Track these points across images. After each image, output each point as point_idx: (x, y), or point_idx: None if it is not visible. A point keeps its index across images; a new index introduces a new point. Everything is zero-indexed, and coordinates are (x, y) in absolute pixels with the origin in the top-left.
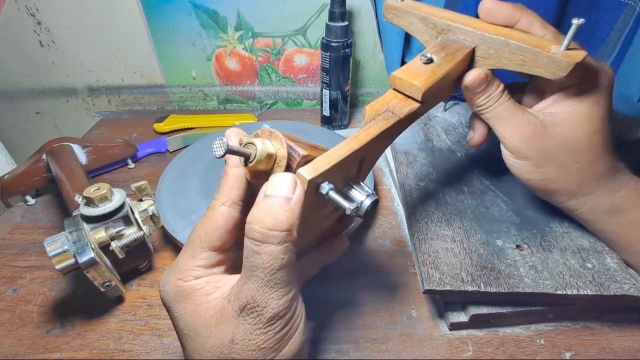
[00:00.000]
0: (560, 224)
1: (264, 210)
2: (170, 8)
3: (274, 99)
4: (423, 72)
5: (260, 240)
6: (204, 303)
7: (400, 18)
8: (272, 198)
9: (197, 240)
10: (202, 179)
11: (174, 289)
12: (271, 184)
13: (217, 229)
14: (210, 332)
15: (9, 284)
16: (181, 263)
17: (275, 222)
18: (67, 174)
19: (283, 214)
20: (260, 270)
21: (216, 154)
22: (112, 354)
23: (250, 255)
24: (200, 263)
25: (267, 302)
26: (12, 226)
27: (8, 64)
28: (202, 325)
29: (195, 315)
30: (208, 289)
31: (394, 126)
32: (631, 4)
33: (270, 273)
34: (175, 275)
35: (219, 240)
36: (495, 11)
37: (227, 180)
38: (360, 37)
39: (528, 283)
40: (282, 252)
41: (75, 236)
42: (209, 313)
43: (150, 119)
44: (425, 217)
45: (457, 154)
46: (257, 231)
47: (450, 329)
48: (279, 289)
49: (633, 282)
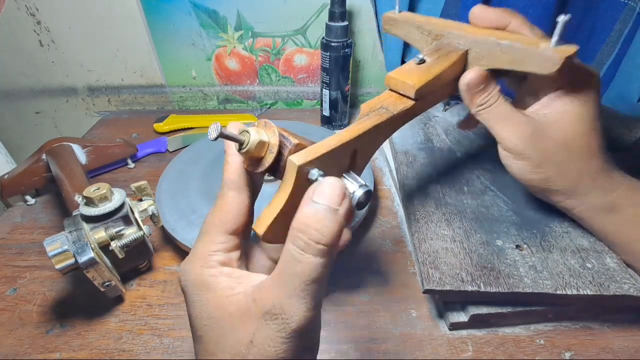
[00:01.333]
0: (560, 224)
1: (310, 219)
2: (170, 8)
3: (274, 99)
4: (416, 72)
5: (303, 249)
6: (227, 297)
7: (398, 28)
8: (319, 206)
9: (212, 227)
10: (202, 179)
11: (197, 277)
12: (320, 190)
13: (229, 213)
14: (233, 327)
15: (8, 284)
16: (200, 250)
17: (321, 235)
18: (67, 174)
19: (329, 225)
20: (297, 278)
21: (210, 136)
22: (112, 353)
23: (289, 261)
24: (220, 247)
25: (294, 312)
26: (12, 226)
27: (8, 64)
28: (225, 319)
29: (217, 308)
30: (231, 283)
31: (388, 122)
32: (631, 4)
33: (305, 283)
34: (197, 263)
35: (234, 224)
36: (485, 14)
37: (229, 168)
38: (360, 37)
39: (528, 283)
40: (322, 265)
41: (75, 236)
42: (231, 307)
43: (150, 118)
44: (425, 217)
45: (457, 154)
46: (302, 240)
47: (450, 329)
48: (309, 301)
49: (633, 282)
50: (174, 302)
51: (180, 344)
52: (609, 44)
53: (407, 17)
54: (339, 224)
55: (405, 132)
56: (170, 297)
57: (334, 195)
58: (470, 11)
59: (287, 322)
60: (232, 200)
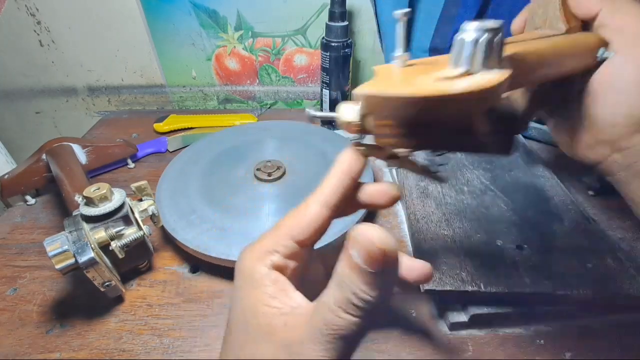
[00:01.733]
0: (560, 224)
1: (348, 275)
2: (170, 8)
3: (274, 98)
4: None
5: (340, 303)
6: (264, 305)
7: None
8: (360, 267)
9: (284, 228)
10: (202, 179)
11: (249, 269)
12: (358, 246)
13: (304, 222)
14: (256, 340)
15: (8, 284)
16: (263, 244)
17: (361, 293)
18: (67, 174)
19: (370, 285)
20: (326, 327)
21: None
22: (112, 353)
23: (325, 305)
24: (281, 250)
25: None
26: (12, 226)
27: (8, 64)
28: (253, 326)
29: (252, 310)
30: (274, 292)
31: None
32: None
33: (333, 336)
34: (255, 254)
35: (302, 235)
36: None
37: (328, 184)
38: (360, 37)
39: (528, 283)
40: (355, 324)
41: (75, 236)
42: (263, 319)
43: (150, 118)
44: (425, 217)
45: (457, 154)
46: (341, 292)
47: (450, 329)
48: (332, 356)
49: (633, 282)
50: (174, 302)
51: (180, 344)
52: None
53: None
54: (383, 287)
55: None
56: (170, 297)
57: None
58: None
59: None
60: (313, 212)
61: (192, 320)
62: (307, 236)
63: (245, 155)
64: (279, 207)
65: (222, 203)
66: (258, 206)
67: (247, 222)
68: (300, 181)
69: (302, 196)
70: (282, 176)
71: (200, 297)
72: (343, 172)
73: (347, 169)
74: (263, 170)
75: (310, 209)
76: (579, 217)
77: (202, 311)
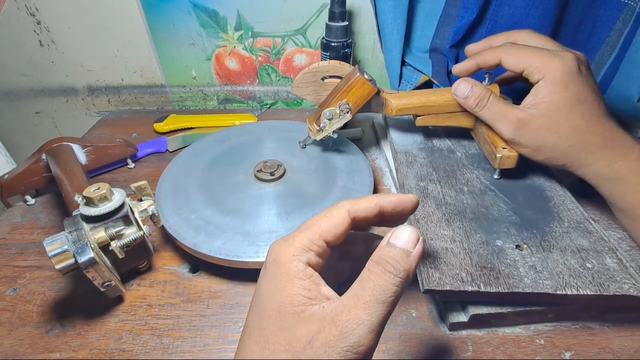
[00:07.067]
0: (560, 224)
1: (387, 256)
2: (170, 8)
3: (274, 98)
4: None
5: (379, 274)
6: (302, 296)
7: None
8: (396, 248)
9: (317, 227)
10: (202, 178)
11: (286, 263)
12: (397, 234)
13: (334, 224)
14: (295, 325)
15: (8, 284)
16: (299, 241)
17: (396, 270)
18: (66, 174)
19: (403, 262)
20: (368, 294)
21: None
22: (112, 354)
23: (365, 280)
24: (315, 248)
25: (357, 323)
26: (12, 226)
27: (8, 64)
28: (291, 315)
29: (289, 301)
30: (309, 286)
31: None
32: (631, 4)
33: (374, 301)
34: (291, 249)
35: (332, 237)
36: (472, 49)
37: (364, 202)
38: (360, 37)
39: (528, 283)
40: (392, 291)
41: (75, 236)
42: (301, 308)
43: (150, 118)
44: (425, 217)
45: (457, 154)
46: (379, 268)
47: (450, 329)
48: (374, 319)
49: (633, 282)
50: (173, 302)
51: (180, 344)
52: (608, 44)
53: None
54: (410, 266)
55: (405, 132)
56: (170, 297)
57: (410, 240)
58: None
59: (349, 333)
60: (343, 219)
61: (192, 320)
62: (334, 239)
63: (245, 155)
64: (279, 207)
65: (223, 203)
66: (258, 206)
67: (247, 222)
68: (300, 181)
69: (301, 196)
70: (283, 175)
71: (200, 297)
72: (378, 205)
73: (394, 204)
74: (264, 170)
75: (341, 213)
76: (579, 217)
77: (201, 311)
